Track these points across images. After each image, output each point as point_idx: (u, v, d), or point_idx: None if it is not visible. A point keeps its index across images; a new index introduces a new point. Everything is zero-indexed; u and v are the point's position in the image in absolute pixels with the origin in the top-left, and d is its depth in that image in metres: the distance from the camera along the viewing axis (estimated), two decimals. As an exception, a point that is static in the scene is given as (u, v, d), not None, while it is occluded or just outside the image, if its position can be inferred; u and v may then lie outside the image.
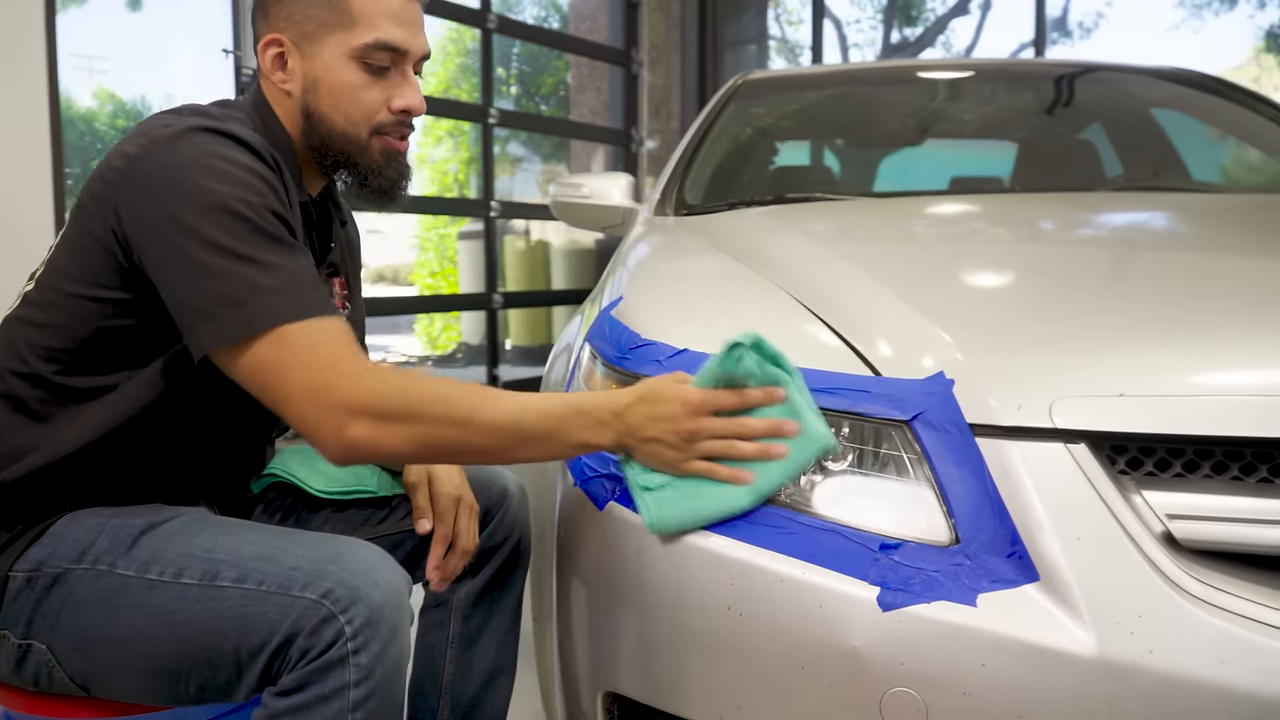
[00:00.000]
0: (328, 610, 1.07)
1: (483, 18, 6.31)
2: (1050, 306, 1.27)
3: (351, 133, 1.29)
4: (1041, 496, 1.02)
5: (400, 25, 1.28)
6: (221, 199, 1.11)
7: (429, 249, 10.87)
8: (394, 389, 1.11)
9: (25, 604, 1.17)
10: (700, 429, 1.14)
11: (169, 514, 1.22)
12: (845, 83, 3.01)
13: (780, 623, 1.08)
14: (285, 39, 1.27)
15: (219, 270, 1.09)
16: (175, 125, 1.17)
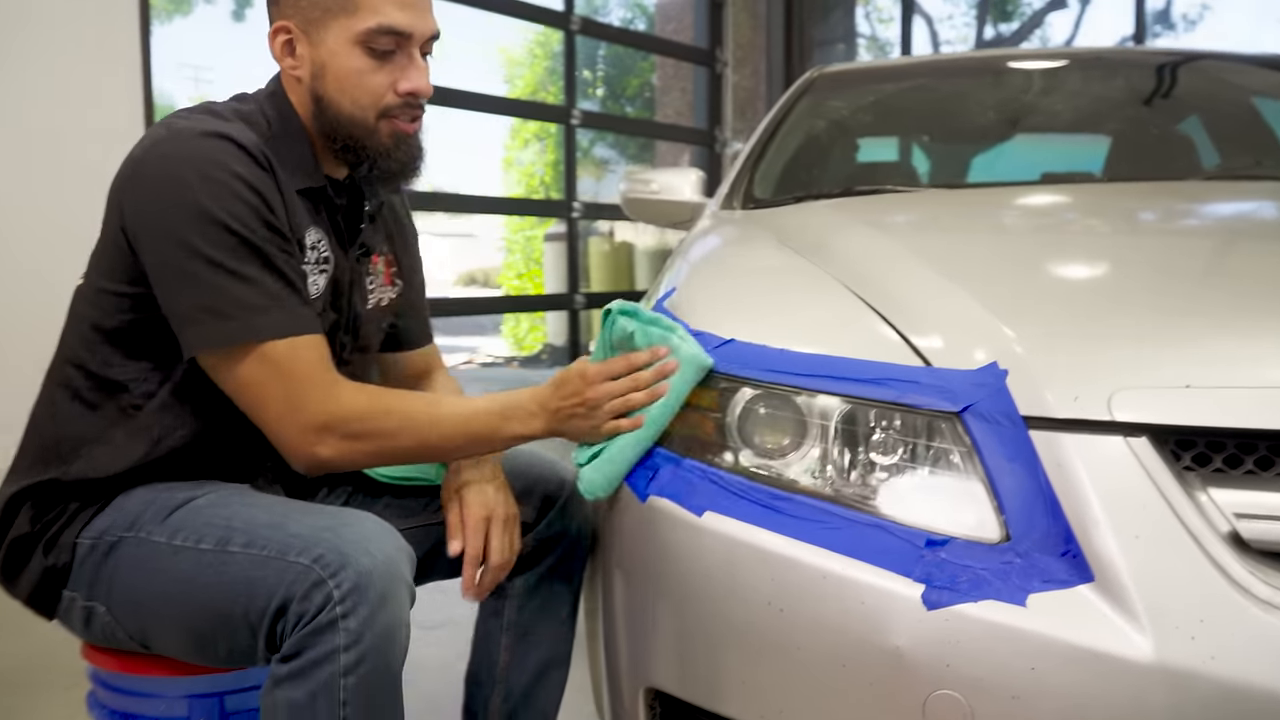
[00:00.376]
0: (317, 574, 1.10)
1: (566, 19, 6.35)
2: (1113, 296, 1.21)
3: (358, 117, 1.30)
4: (1098, 492, 0.97)
5: (403, 9, 1.28)
6: (211, 211, 1.16)
7: (516, 251, 10.99)
8: (363, 409, 1.22)
9: (88, 569, 1.25)
10: (599, 395, 1.27)
11: (211, 488, 1.27)
12: (927, 75, 2.93)
13: (822, 619, 1.04)
14: (293, 25, 1.29)
15: (205, 282, 1.16)
16: (176, 128, 1.21)
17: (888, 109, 2.90)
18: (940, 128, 2.98)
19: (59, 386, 1.29)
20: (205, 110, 1.28)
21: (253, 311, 1.17)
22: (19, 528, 1.27)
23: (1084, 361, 1.05)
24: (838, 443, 1.15)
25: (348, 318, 1.41)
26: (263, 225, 1.19)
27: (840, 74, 2.85)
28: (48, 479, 1.26)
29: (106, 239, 1.26)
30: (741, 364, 1.22)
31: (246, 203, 1.18)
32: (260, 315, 1.17)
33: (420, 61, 1.32)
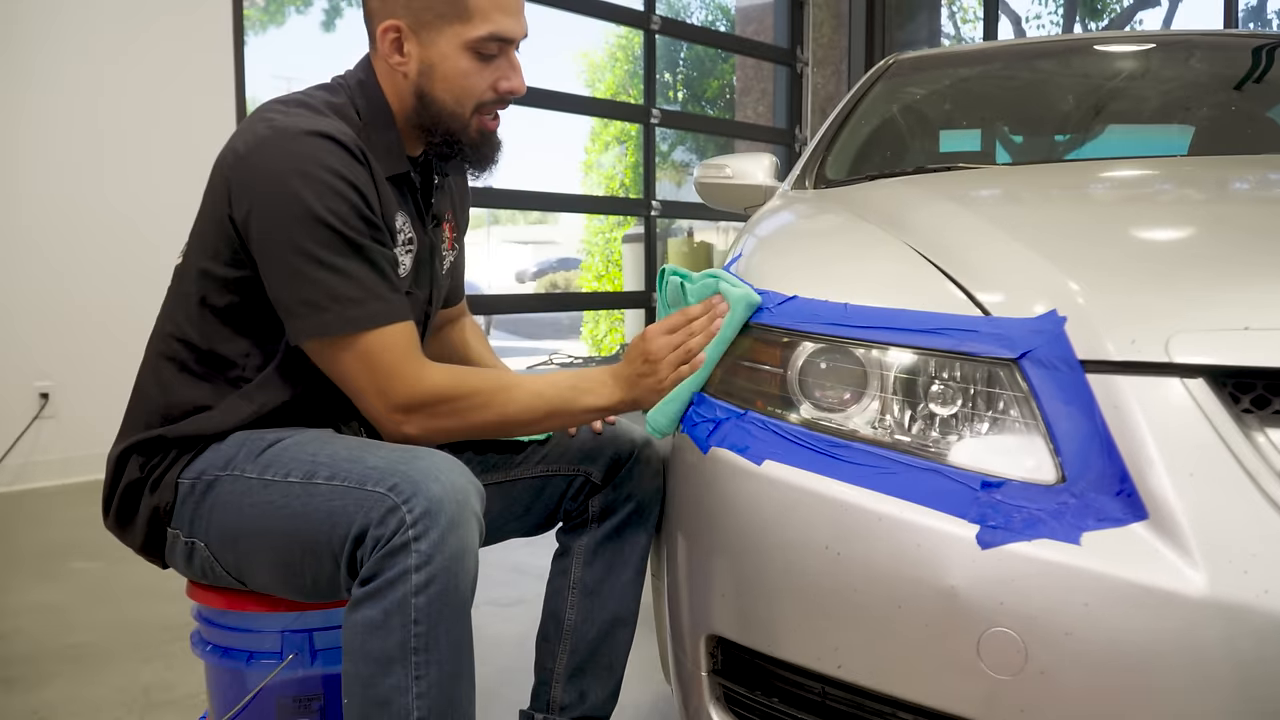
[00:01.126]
0: (392, 501, 1.17)
1: (646, 19, 6.41)
2: (1176, 249, 1.20)
3: (458, 112, 1.39)
4: (1154, 433, 0.97)
5: (509, 15, 1.37)
6: (313, 209, 1.24)
7: (595, 254, 11.09)
8: (443, 387, 1.31)
9: (188, 507, 1.33)
10: (659, 348, 1.36)
11: (298, 431, 1.35)
12: (1006, 59, 2.89)
13: (877, 562, 1.06)
14: (403, 25, 1.36)
15: (306, 276, 1.25)
16: (278, 126, 1.28)
17: (965, 95, 2.88)
18: (1020, 116, 2.94)
19: (164, 359, 1.37)
20: (300, 104, 1.35)
21: (347, 304, 1.25)
22: (129, 474, 1.36)
23: (1142, 305, 1.05)
24: (897, 394, 1.16)
25: (430, 289, 1.49)
26: (360, 220, 1.27)
27: (918, 59, 2.84)
28: (155, 435, 1.35)
29: (209, 222, 1.34)
30: (803, 319, 1.24)
31: (346, 199, 1.26)
32: (354, 307, 1.26)
33: (518, 63, 1.41)
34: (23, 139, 3.82)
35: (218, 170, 1.33)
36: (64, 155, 3.91)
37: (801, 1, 7.64)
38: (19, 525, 3.50)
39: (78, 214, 3.94)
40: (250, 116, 1.34)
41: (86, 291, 3.96)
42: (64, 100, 3.92)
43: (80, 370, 3.94)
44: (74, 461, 3.93)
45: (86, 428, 3.93)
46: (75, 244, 3.94)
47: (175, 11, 4.19)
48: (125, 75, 4.05)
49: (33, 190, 3.85)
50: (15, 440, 3.83)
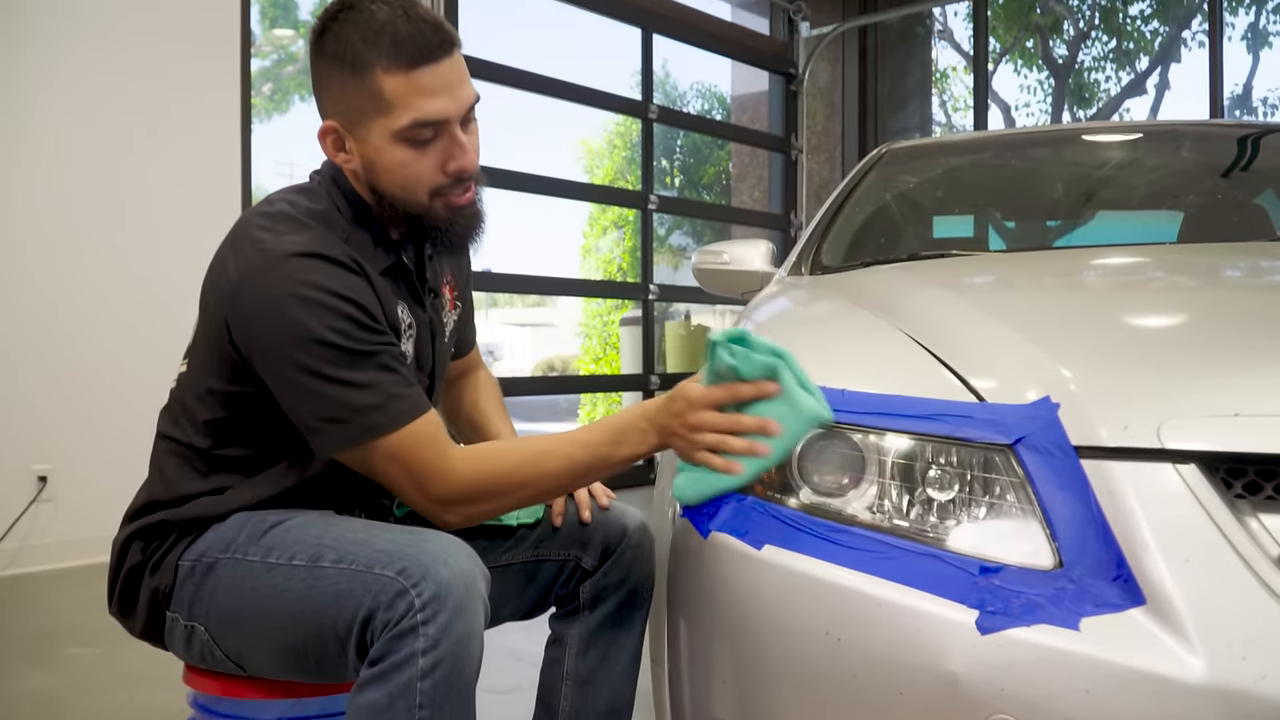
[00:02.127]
0: (401, 585, 1.17)
1: (644, 108, 6.56)
2: (1165, 336, 1.23)
3: (412, 200, 1.35)
4: (1148, 518, 0.99)
5: (433, 96, 1.30)
6: (316, 332, 1.24)
7: (593, 336, 11.16)
8: (475, 477, 1.31)
9: (188, 590, 1.32)
10: (701, 423, 1.28)
11: (299, 513, 1.35)
12: (997, 149, 2.97)
13: (877, 647, 1.07)
14: (338, 125, 1.34)
15: (322, 394, 1.25)
16: (268, 249, 1.27)
17: (957, 183, 2.94)
18: (1010, 202, 3.00)
19: (169, 455, 1.39)
20: (284, 217, 1.33)
21: (367, 412, 1.25)
22: (131, 559, 1.36)
23: (1135, 392, 1.08)
24: (895, 479, 1.18)
25: (432, 363, 1.49)
26: (364, 331, 1.27)
27: (910, 149, 2.91)
28: (158, 520, 1.36)
29: (209, 342, 1.34)
30: (801, 404, 1.26)
31: (346, 315, 1.25)
32: (374, 414, 1.25)
33: (461, 139, 1.34)
34: (24, 223, 3.88)
35: (210, 293, 1.33)
36: (66, 241, 3.97)
37: (795, 90, 7.82)
38: (14, 610, 3.46)
39: (77, 298, 3.98)
40: (237, 233, 1.33)
41: (85, 374, 3.98)
42: (66, 189, 3.98)
43: (78, 453, 3.95)
44: (71, 545, 3.90)
45: (84, 511, 3.91)
46: (75, 329, 3.97)
47: (185, 101, 4.29)
48: (132, 165, 4.13)
49: (34, 273, 3.89)
50: (13, 523, 3.81)
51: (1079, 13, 9.24)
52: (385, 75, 1.28)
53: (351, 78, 1.30)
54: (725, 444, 1.27)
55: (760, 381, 1.26)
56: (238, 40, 4.47)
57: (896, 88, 8.52)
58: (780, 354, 1.27)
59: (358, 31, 1.29)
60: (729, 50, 7.53)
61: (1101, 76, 9.31)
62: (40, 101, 3.90)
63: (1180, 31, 8.61)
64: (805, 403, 1.23)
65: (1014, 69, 9.28)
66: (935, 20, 8.79)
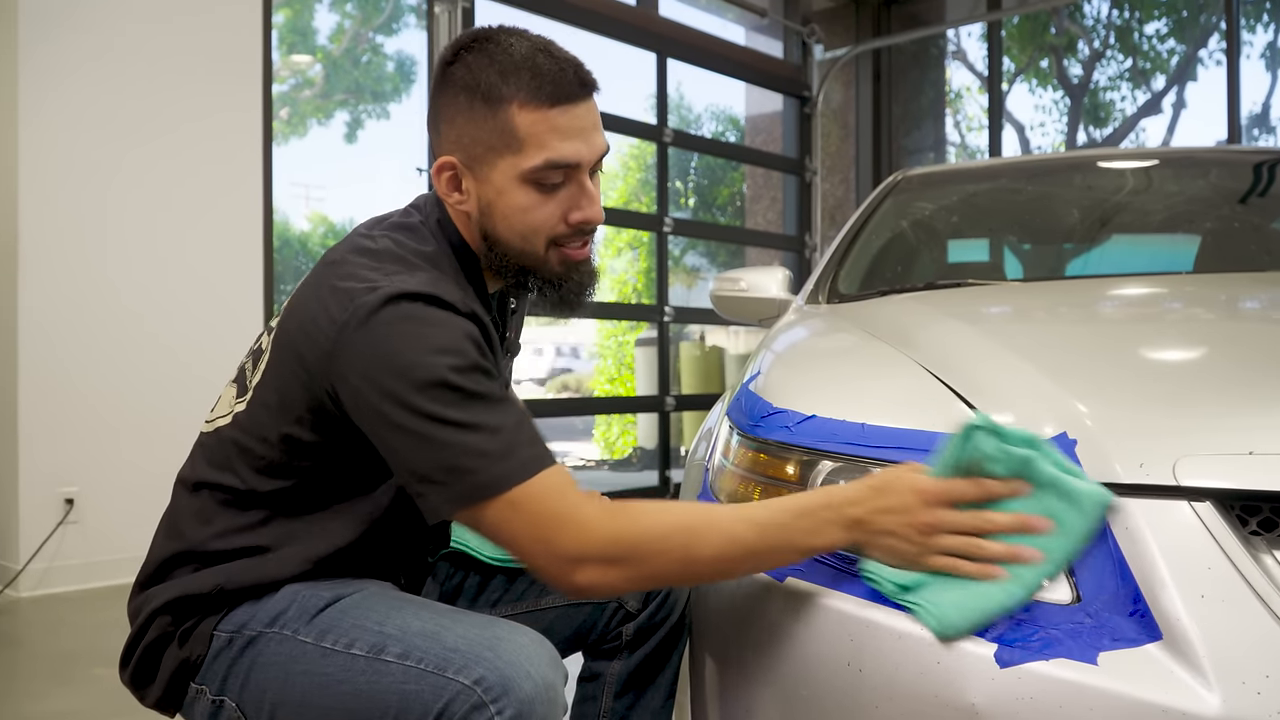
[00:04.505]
0: (479, 698, 1.09)
1: (659, 132, 6.61)
2: (1181, 371, 1.25)
3: (527, 250, 1.27)
4: (1164, 555, 1.01)
5: (569, 139, 1.23)
6: (436, 373, 1.12)
7: (608, 357, 11.18)
8: (614, 534, 1.13)
9: (223, 662, 1.23)
10: (939, 522, 1.11)
11: (355, 587, 1.27)
12: (1013, 175, 2.99)
13: (898, 679, 1.09)
14: (457, 161, 1.26)
15: (444, 441, 1.12)
16: (380, 289, 1.17)
17: (973, 210, 2.97)
18: (1027, 229, 3.02)
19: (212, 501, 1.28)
20: (394, 258, 1.24)
21: (497, 459, 1.12)
22: (158, 629, 1.26)
23: (1151, 429, 1.10)
24: (914, 512, 1.20)
25: None
26: (477, 370, 1.15)
27: (925, 176, 2.93)
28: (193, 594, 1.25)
29: (291, 387, 1.23)
30: (822, 438, 1.29)
31: (464, 355, 1.15)
32: (503, 462, 1.12)
33: (590, 188, 1.27)
34: (52, 250, 3.94)
35: (301, 335, 1.21)
36: (92, 267, 4.03)
37: (809, 113, 7.87)
38: (42, 630, 3.51)
39: (102, 321, 4.04)
40: (335, 272, 1.22)
41: (110, 399, 4.03)
42: (91, 214, 4.05)
43: (104, 477, 4.00)
44: (96, 566, 3.95)
45: (109, 533, 3.97)
46: (100, 351, 4.03)
47: (208, 127, 4.36)
48: (156, 191, 4.19)
49: (60, 299, 3.95)
50: (40, 545, 3.86)
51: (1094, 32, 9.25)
52: (521, 111, 1.21)
53: (483, 110, 1.22)
54: (978, 549, 1.09)
55: (1013, 480, 1.10)
56: (259, 66, 4.55)
57: (910, 108, 8.56)
58: (1035, 444, 1.10)
59: (494, 64, 1.22)
60: (744, 74, 7.58)
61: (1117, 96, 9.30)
62: (68, 127, 3.97)
63: (1197, 50, 8.61)
64: (1083, 489, 1.05)
65: (1029, 89, 9.29)
66: (949, 41, 8.82)
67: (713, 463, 1.57)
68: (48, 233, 3.93)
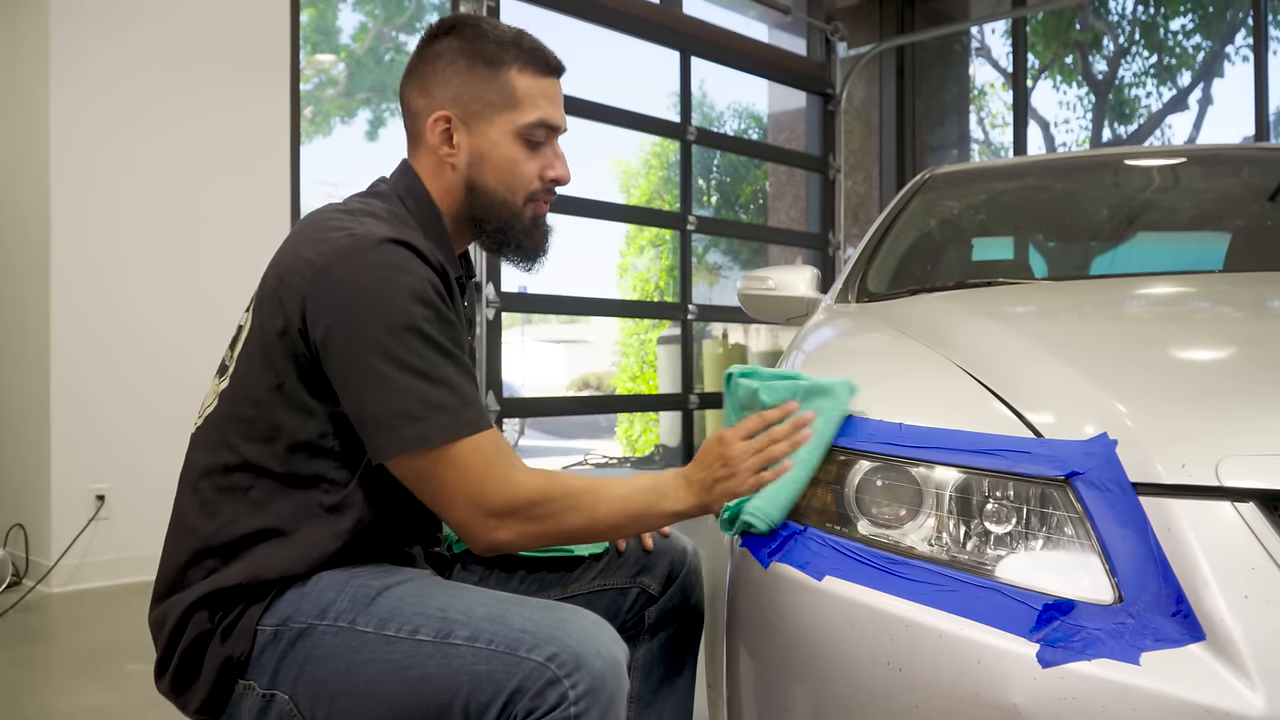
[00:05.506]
0: (553, 673, 1.14)
1: (682, 130, 6.61)
2: (1218, 370, 1.25)
3: (510, 200, 1.42)
4: (1207, 555, 1.01)
5: (554, 105, 1.42)
6: (408, 319, 1.21)
7: (630, 355, 11.20)
8: (539, 491, 1.27)
9: (271, 656, 1.24)
10: (739, 452, 1.32)
11: (400, 576, 1.30)
12: (1040, 174, 2.98)
13: (938, 679, 1.09)
14: (453, 115, 1.39)
15: (400, 386, 1.20)
16: (357, 234, 1.25)
17: (1001, 208, 2.96)
18: (1055, 227, 3.02)
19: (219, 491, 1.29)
20: (368, 213, 1.32)
21: (445, 411, 1.21)
22: (197, 627, 1.26)
23: (1191, 430, 1.10)
24: (953, 512, 1.20)
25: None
26: (448, 325, 1.25)
27: (953, 174, 2.92)
28: (225, 586, 1.25)
29: (269, 340, 1.27)
30: (859, 438, 1.29)
31: (433, 306, 1.24)
32: (449, 414, 1.21)
33: (561, 152, 1.46)
34: (84, 248, 3.98)
35: (282, 284, 1.27)
36: (122, 261, 4.07)
37: (833, 110, 7.85)
38: (74, 626, 3.55)
39: (132, 320, 4.07)
40: (313, 226, 1.31)
41: (140, 396, 4.07)
42: (123, 211, 4.09)
43: (134, 473, 4.04)
44: (127, 562, 3.99)
45: (140, 529, 4.00)
46: (130, 350, 4.06)
47: (237, 127, 4.39)
48: (187, 189, 4.23)
49: (90, 297, 3.99)
50: (72, 541, 3.90)
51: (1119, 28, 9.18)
52: (520, 74, 1.39)
53: (484, 71, 1.38)
54: (770, 452, 1.31)
55: (785, 404, 1.34)
56: (287, 69, 4.57)
57: (934, 105, 8.53)
58: (791, 375, 1.37)
59: (490, 37, 1.40)
60: (767, 72, 7.57)
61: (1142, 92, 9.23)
62: (99, 130, 4.01)
63: (1223, 46, 8.54)
64: (831, 381, 1.33)
65: (1053, 85, 9.23)
66: (973, 38, 8.78)
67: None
68: (80, 235, 3.96)
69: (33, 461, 4.02)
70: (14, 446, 4.18)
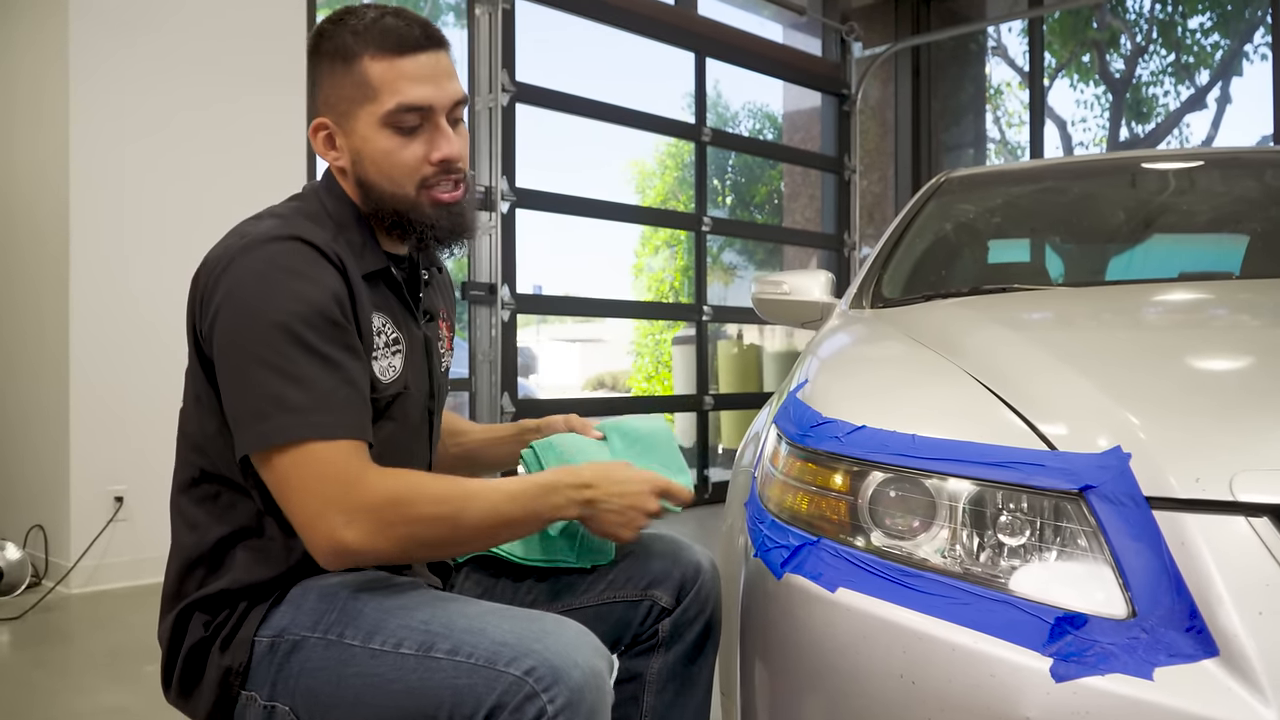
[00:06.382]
0: (530, 688, 1.13)
1: (697, 131, 6.61)
2: (1233, 381, 1.25)
3: (399, 193, 1.36)
4: (1221, 570, 1.01)
5: (420, 83, 1.33)
6: (277, 316, 1.21)
7: (645, 355, 11.21)
8: (391, 494, 1.20)
9: (269, 668, 1.26)
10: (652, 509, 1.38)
11: (390, 587, 1.30)
12: (1057, 177, 2.97)
13: (952, 692, 1.09)
14: (329, 121, 1.37)
15: (255, 383, 1.20)
16: (248, 235, 1.28)
17: (1018, 211, 2.95)
18: (1072, 230, 3.00)
19: (191, 503, 1.36)
20: (271, 214, 1.35)
21: (292, 411, 1.19)
22: (193, 636, 1.30)
23: (1205, 443, 1.10)
24: (966, 523, 1.20)
25: (430, 384, 1.47)
26: (324, 323, 1.23)
27: (969, 177, 2.91)
28: (216, 591, 1.29)
29: (191, 346, 1.32)
30: (872, 449, 1.29)
31: (307, 302, 1.22)
32: (296, 415, 1.19)
33: (447, 129, 1.36)
34: (101, 248, 4.01)
35: (193, 286, 1.31)
36: (139, 265, 4.10)
37: (848, 111, 7.84)
38: (93, 627, 3.58)
39: (150, 322, 4.10)
40: (226, 235, 1.34)
41: (157, 398, 4.09)
42: (140, 212, 4.11)
43: (152, 475, 4.06)
44: (145, 563, 4.02)
45: (158, 530, 4.00)
46: (149, 353, 4.09)
47: (253, 132, 4.41)
48: (204, 192, 4.25)
49: (109, 299, 4.02)
50: (91, 542, 3.94)
51: (1136, 26, 9.13)
52: (372, 62, 1.33)
53: (341, 68, 1.34)
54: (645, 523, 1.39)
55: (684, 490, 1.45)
56: (303, 69, 4.59)
57: (950, 104, 8.50)
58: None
59: (348, 29, 1.35)
60: (782, 73, 7.56)
61: (1160, 91, 9.17)
62: (117, 132, 4.04)
63: (1242, 45, 8.48)
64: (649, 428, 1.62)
65: (1070, 84, 9.18)
66: (989, 37, 8.75)
67: (760, 471, 1.58)
68: (97, 240, 4.00)
69: (52, 464, 4.06)
70: (34, 449, 4.22)
